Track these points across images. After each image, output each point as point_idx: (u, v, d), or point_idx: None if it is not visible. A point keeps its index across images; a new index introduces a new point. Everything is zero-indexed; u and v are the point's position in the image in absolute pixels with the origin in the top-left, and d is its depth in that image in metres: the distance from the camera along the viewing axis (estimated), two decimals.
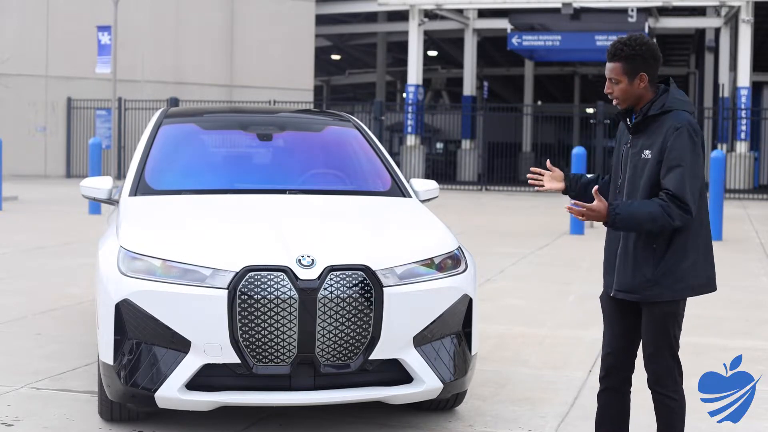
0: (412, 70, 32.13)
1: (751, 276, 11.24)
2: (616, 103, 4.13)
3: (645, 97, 4.09)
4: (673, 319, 4.11)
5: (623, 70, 4.06)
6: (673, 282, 4.04)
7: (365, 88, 53.50)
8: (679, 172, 3.93)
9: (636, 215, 3.93)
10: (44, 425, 5.12)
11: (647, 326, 4.14)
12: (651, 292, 4.05)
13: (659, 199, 3.94)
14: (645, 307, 4.12)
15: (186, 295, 4.67)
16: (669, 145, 3.96)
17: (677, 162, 3.94)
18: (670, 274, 4.03)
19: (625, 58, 4.05)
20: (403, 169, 29.75)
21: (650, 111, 4.05)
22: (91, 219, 16.35)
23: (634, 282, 4.07)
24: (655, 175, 4.00)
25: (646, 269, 4.04)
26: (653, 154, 4.00)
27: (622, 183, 4.13)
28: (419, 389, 4.87)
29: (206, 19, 31.72)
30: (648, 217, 3.91)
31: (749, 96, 29.24)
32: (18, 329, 7.53)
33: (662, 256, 4.03)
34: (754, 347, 7.30)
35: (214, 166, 6.49)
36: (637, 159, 4.06)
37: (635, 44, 4.05)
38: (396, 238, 5.22)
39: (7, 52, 28.07)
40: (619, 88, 4.09)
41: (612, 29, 30.62)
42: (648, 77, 4.07)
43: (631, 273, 4.07)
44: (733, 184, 27.71)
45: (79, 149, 30.50)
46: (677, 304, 4.11)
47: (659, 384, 4.18)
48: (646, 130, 4.06)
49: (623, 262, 4.10)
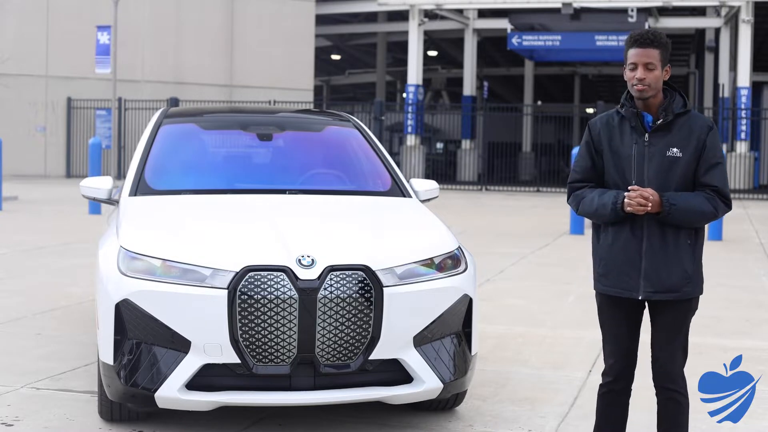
0: (412, 70, 32.14)
1: (751, 276, 11.24)
2: (642, 91, 3.99)
3: (660, 93, 4.06)
4: (691, 316, 4.14)
5: (660, 57, 4.00)
6: (701, 279, 4.11)
7: (365, 88, 53.51)
8: (720, 169, 4.03)
9: (689, 207, 3.95)
10: (44, 425, 5.12)
11: (671, 325, 4.09)
12: (688, 289, 4.04)
13: (705, 194, 4.00)
14: (673, 305, 4.06)
15: (186, 295, 4.67)
16: (708, 144, 4.01)
17: (717, 160, 4.03)
18: (699, 270, 4.09)
19: (663, 45, 4.01)
20: (403, 169, 29.75)
21: (676, 109, 4.05)
22: (91, 219, 16.35)
23: (673, 280, 4.01)
24: (689, 171, 4.02)
25: (687, 265, 4.03)
26: (687, 151, 4.00)
27: (639, 182, 4.03)
28: (419, 389, 4.87)
29: (206, 19, 31.72)
30: (700, 209, 3.97)
31: (749, 96, 29.25)
32: (18, 329, 7.54)
33: (694, 250, 4.06)
34: (754, 347, 7.30)
35: (214, 166, 6.49)
36: (662, 156, 4.02)
37: (664, 36, 4.04)
38: (396, 238, 5.22)
39: (7, 52, 28.07)
40: (655, 75, 3.99)
41: (612, 29, 30.64)
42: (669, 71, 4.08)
43: (669, 271, 4.00)
44: (733, 184, 27.71)
45: (79, 149, 30.50)
46: (698, 301, 4.15)
47: (673, 382, 4.16)
48: (665, 128, 4.04)
49: (656, 261, 4.01)
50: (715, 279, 10.95)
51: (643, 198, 3.91)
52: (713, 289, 10.17)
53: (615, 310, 4.17)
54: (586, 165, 4.18)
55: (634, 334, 4.24)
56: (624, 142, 4.09)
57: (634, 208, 3.93)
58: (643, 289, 4.04)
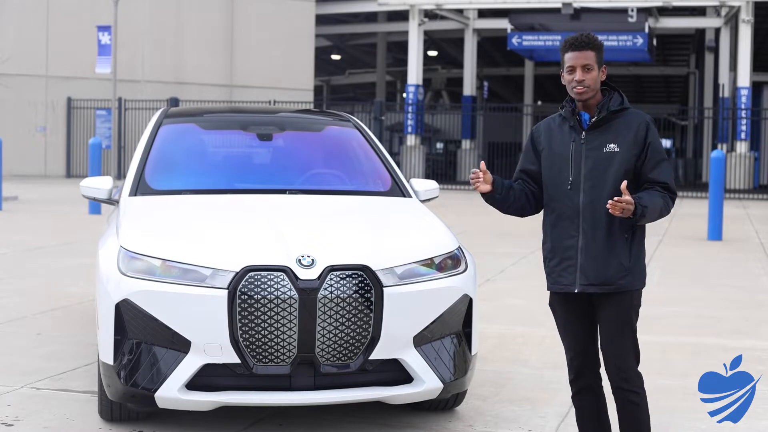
0: (412, 70, 32.15)
1: (751, 276, 11.24)
2: (582, 92, 4.12)
3: (598, 93, 4.18)
4: (634, 309, 4.18)
5: (596, 58, 4.14)
6: (640, 271, 4.15)
7: (365, 88, 53.51)
8: (666, 165, 4.14)
9: (655, 206, 4.05)
10: (44, 425, 5.12)
11: (613, 319, 4.14)
12: (625, 281, 4.10)
13: (658, 191, 4.09)
14: (612, 298, 4.12)
15: (186, 295, 4.67)
16: (650, 141, 4.10)
17: (662, 156, 4.13)
18: (638, 262, 4.14)
19: (598, 47, 4.16)
20: (403, 169, 29.75)
21: (611, 107, 4.15)
22: (91, 219, 16.35)
23: (609, 272, 4.08)
24: (628, 167, 4.09)
25: (623, 258, 4.09)
26: (623, 147, 4.09)
27: (576, 179, 4.14)
28: (419, 389, 4.87)
29: (206, 19, 31.72)
30: (660, 207, 4.07)
31: (749, 96, 29.25)
32: (18, 329, 7.54)
33: (632, 244, 4.13)
34: (754, 347, 7.30)
35: (214, 166, 6.49)
36: (599, 153, 4.11)
37: (599, 39, 4.18)
38: (396, 238, 5.22)
39: (7, 52, 28.07)
40: (592, 76, 4.12)
41: (612, 29, 30.62)
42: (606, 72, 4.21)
43: (607, 264, 4.08)
44: (733, 184, 27.72)
45: (79, 149, 30.50)
46: (639, 294, 4.19)
47: (627, 381, 4.17)
48: (603, 126, 4.14)
49: (593, 255, 4.09)
50: (715, 279, 10.96)
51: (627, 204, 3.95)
52: (713, 289, 10.18)
53: (565, 307, 4.24)
54: (524, 166, 4.35)
55: (589, 331, 4.26)
56: (563, 142, 4.21)
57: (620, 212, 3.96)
58: (579, 282, 4.12)
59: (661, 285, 10.40)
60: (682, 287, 10.28)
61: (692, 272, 11.49)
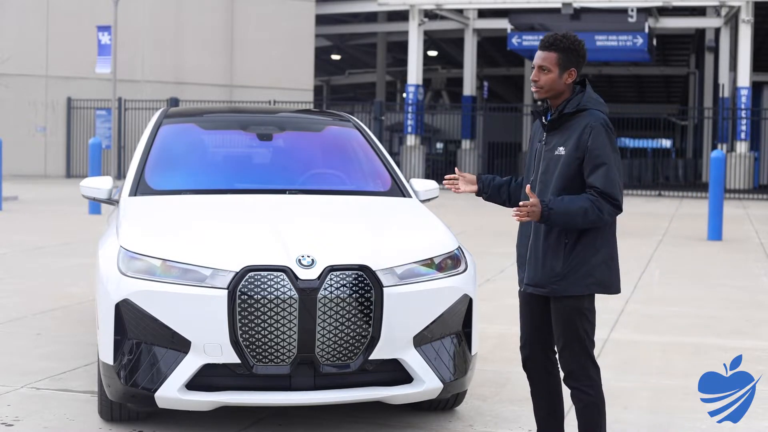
0: (412, 70, 32.15)
1: (751, 276, 11.24)
2: (536, 92, 4.19)
3: (565, 95, 4.18)
4: (579, 314, 4.15)
5: (557, 60, 4.14)
6: (582, 277, 4.11)
7: (365, 88, 53.51)
8: (604, 169, 4.06)
9: (568, 210, 4.03)
10: (44, 425, 5.12)
11: (555, 321, 4.20)
12: (558, 287, 4.12)
13: (589, 195, 4.06)
14: (552, 301, 4.18)
15: (186, 295, 4.67)
16: (590, 145, 4.07)
17: (601, 160, 4.06)
18: (579, 268, 4.11)
19: (563, 49, 4.14)
20: (403, 169, 29.76)
21: (566, 109, 4.15)
22: (91, 219, 16.35)
23: (543, 276, 4.14)
24: (568, 171, 4.11)
25: (555, 263, 4.12)
26: (567, 150, 4.11)
27: (534, 180, 4.22)
28: (419, 389, 4.87)
29: (206, 19, 31.72)
30: (580, 211, 4.03)
31: (749, 96, 29.25)
32: (18, 329, 7.54)
33: (572, 250, 4.11)
34: (754, 347, 7.30)
35: (214, 166, 6.49)
36: (551, 156, 4.16)
37: (572, 40, 4.17)
38: (396, 238, 5.22)
39: (7, 52, 28.06)
40: (548, 77, 4.15)
41: (612, 29, 30.64)
42: (576, 75, 4.18)
43: (541, 267, 4.14)
44: (733, 184, 27.72)
45: (79, 149, 30.50)
46: (584, 299, 4.16)
47: (571, 377, 4.22)
48: (561, 128, 4.17)
49: (534, 256, 4.18)
50: (715, 279, 10.96)
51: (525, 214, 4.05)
52: (713, 289, 10.18)
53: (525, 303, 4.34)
54: None
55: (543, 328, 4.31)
56: (535, 141, 4.31)
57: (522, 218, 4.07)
58: (524, 282, 4.25)
59: (661, 285, 10.41)
60: (682, 287, 10.28)
61: (692, 272, 11.49)
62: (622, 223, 4.28)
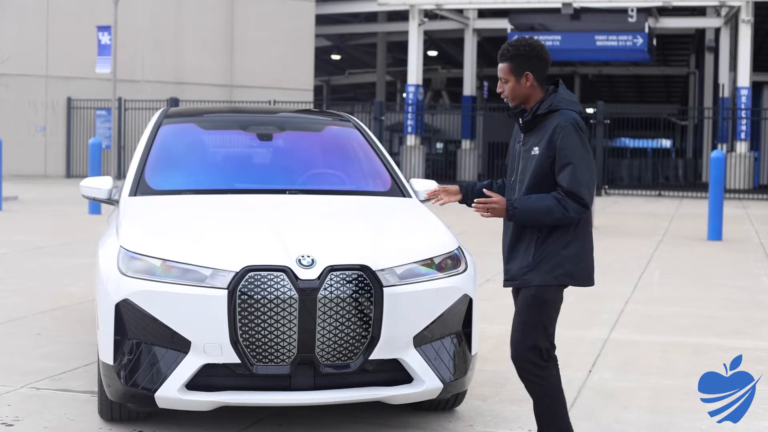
0: (412, 70, 32.15)
1: (751, 276, 11.24)
2: (507, 100, 4.35)
3: (534, 97, 4.30)
4: (540, 302, 4.24)
5: (510, 69, 4.29)
6: (551, 268, 4.21)
7: (365, 88, 53.51)
8: (571, 169, 4.16)
9: (533, 208, 4.16)
10: (44, 425, 5.12)
11: (517, 309, 4.30)
12: (528, 277, 4.23)
13: (556, 193, 4.17)
14: (520, 291, 4.29)
15: (186, 295, 4.66)
16: (558, 144, 4.18)
17: (568, 160, 4.16)
18: (549, 259, 4.21)
19: (511, 58, 4.29)
20: (403, 169, 29.76)
21: (539, 110, 4.26)
22: (91, 219, 16.36)
23: (514, 269, 4.28)
24: (541, 170, 4.22)
25: (527, 256, 4.24)
26: (540, 150, 4.22)
27: (514, 180, 4.34)
28: (419, 389, 4.87)
29: (206, 19, 31.72)
30: (544, 209, 4.15)
31: (749, 96, 29.26)
32: (18, 329, 7.54)
33: (543, 243, 4.23)
34: (754, 347, 7.30)
35: (214, 166, 6.49)
36: (528, 156, 4.27)
37: (519, 45, 4.30)
38: (396, 238, 5.22)
39: (7, 52, 28.07)
40: (509, 86, 4.31)
41: (612, 29, 30.66)
42: (533, 76, 4.28)
43: (515, 261, 4.28)
44: (733, 184, 27.73)
45: (79, 149, 30.51)
46: (549, 290, 4.24)
47: (519, 369, 4.31)
48: (536, 129, 4.28)
49: (510, 252, 4.32)
50: (715, 279, 10.96)
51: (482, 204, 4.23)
52: (713, 289, 10.18)
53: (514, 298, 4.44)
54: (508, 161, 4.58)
55: None
56: (515, 142, 4.43)
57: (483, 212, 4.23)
58: (503, 277, 4.40)
59: (661, 285, 10.41)
60: (682, 287, 10.28)
61: (692, 272, 11.49)
62: (622, 223, 4.31)
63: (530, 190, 4.23)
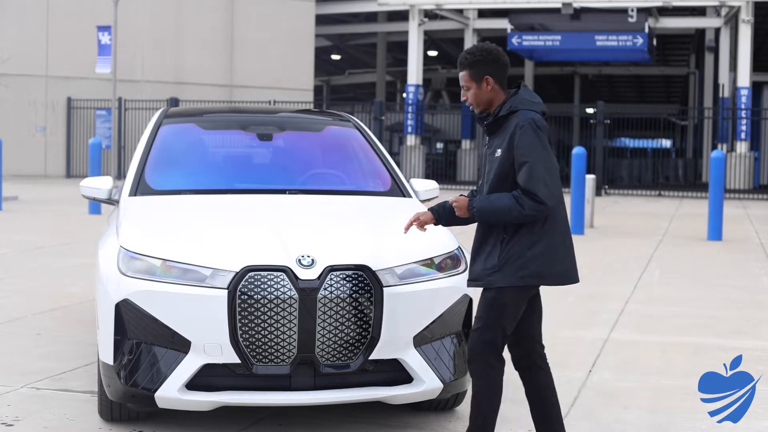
0: (412, 70, 32.15)
1: (751, 276, 11.24)
2: (471, 107, 4.41)
3: (496, 100, 4.35)
4: (499, 308, 4.25)
5: (470, 76, 4.36)
6: (516, 269, 4.21)
7: (365, 88, 53.50)
8: (527, 167, 4.19)
9: (492, 207, 4.21)
10: (44, 425, 5.12)
11: (478, 307, 4.32)
12: (492, 278, 4.24)
13: (515, 192, 4.20)
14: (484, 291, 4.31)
15: (186, 295, 4.67)
16: (516, 143, 4.22)
17: (524, 158, 4.20)
18: (514, 261, 4.22)
19: (469, 65, 4.36)
20: (403, 169, 29.76)
21: (500, 112, 4.31)
22: (91, 219, 16.35)
23: (480, 270, 4.28)
24: (502, 171, 4.26)
25: (492, 256, 4.25)
26: (502, 151, 4.26)
27: (482, 183, 4.39)
28: (419, 389, 4.87)
29: (206, 19, 31.72)
30: (502, 208, 4.18)
31: (749, 96, 29.26)
32: (18, 329, 7.54)
33: (507, 244, 4.24)
34: (754, 347, 7.31)
35: (214, 166, 6.49)
36: (492, 158, 4.32)
37: (476, 51, 4.35)
38: (396, 238, 5.20)
39: (7, 52, 28.07)
40: (471, 93, 4.38)
41: (612, 29, 30.64)
42: (494, 80, 4.33)
43: (479, 261, 4.30)
44: (733, 184, 27.72)
45: (79, 149, 30.50)
46: (508, 293, 4.24)
47: (470, 360, 4.34)
48: (498, 131, 4.32)
49: (476, 252, 4.34)
50: (715, 279, 10.96)
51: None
52: (713, 289, 10.18)
53: None
54: None
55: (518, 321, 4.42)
56: (483, 146, 4.49)
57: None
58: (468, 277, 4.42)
59: (661, 285, 10.41)
60: (682, 287, 10.28)
61: (692, 272, 11.49)
62: (622, 223, 4.31)
63: (493, 191, 4.28)
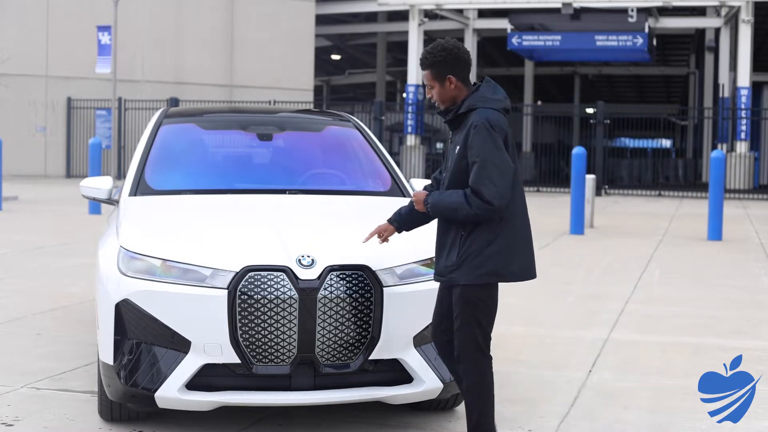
0: (412, 70, 32.15)
1: (751, 276, 11.24)
2: (437, 104, 4.45)
3: (460, 96, 4.41)
4: (470, 302, 4.31)
5: (432, 75, 4.41)
6: (474, 267, 4.27)
7: (365, 88, 53.50)
8: (477, 166, 4.23)
9: (443, 204, 4.30)
10: (44, 425, 5.12)
11: (454, 305, 4.37)
12: (453, 275, 4.31)
13: (466, 190, 4.25)
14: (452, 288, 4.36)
15: (186, 295, 4.67)
16: (469, 143, 4.27)
17: (474, 158, 4.25)
18: (472, 259, 4.27)
19: (431, 65, 4.41)
20: (403, 169, 29.76)
21: (460, 110, 4.36)
22: (91, 219, 16.36)
23: (443, 267, 4.35)
24: (457, 168, 4.32)
25: (452, 254, 4.31)
26: (459, 148, 4.32)
27: (446, 177, 4.44)
28: (419, 389, 4.87)
29: (206, 19, 31.71)
30: (453, 205, 4.25)
31: (749, 96, 29.24)
32: (18, 329, 7.54)
33: (465, 241, 4.29)
34: (754, 347, 7.31)
35: (214, 166, 6.49)
36: (453, 154, 4.38)
37: (436, 51, 4.39)
38: (396, 238, 5.21)
39: (7, 52, 28.06)
40: (435, 92, 4.42)
41: (612, 29, 30.64)
42: (456, 78, 4.38)
43: (445, 258, 4.36)
44: (733, 184, 27.71)
45: (79, 149, 30.50)
46: (475, 290, 4.30)
47: (459, 360, 4.39)
48: (459, 127, 4.38)
49: (438, 248, 4.42)
50: (715, 279, 10.96)
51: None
52: (713, 289, 10.18)
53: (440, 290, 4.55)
54: None
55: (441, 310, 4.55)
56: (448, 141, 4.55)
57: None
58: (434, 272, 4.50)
59: (661, 285, 10.41)
60: (682, 287, 10.28)
61: (692, 272, 11.49)
62: (622, 223, 4.32)
63: (451, 187, 4.34)
